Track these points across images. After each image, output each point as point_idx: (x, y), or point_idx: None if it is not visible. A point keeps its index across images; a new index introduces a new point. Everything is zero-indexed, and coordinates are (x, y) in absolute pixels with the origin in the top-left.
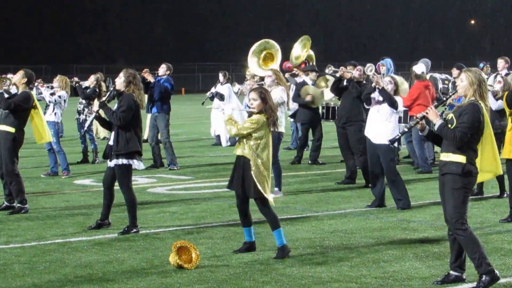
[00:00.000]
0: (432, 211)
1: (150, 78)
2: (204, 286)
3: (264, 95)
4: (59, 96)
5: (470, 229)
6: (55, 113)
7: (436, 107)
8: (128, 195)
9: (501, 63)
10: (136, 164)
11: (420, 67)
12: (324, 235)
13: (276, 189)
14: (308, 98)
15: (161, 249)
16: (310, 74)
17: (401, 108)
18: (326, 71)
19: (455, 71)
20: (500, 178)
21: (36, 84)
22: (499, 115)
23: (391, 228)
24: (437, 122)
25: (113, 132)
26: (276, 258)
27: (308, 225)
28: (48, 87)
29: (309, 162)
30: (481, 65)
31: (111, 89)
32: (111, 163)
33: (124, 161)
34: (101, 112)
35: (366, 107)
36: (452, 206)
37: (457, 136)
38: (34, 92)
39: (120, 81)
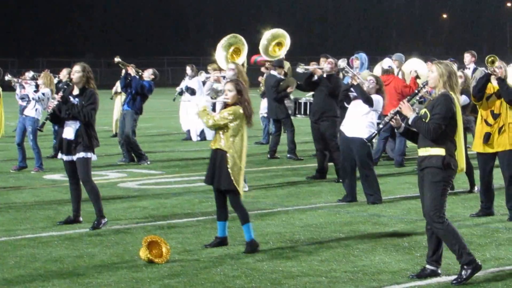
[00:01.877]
0: (403, 205)
1: (131, 72)
2: (175, 281)
3: (240, 87)
4: (43, 93)
5: (448, 222)
6: (36, 109)
7: (408, 100)
8: (90, 187)
9: (467, 57)
10: (94, 156)
11: (387, 62)
12: (295, 229)
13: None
14: (289, 89)
15: (131, 243)
16: (278, 69)
17: (378, 106)
18: (298, 69)
19: (429, 65)
20: (469, 173)
21: (20, 80)
22: (462, 110)
23: (361, 223)
24: (411, 116)
25: (69, 127)
26: (245, 252)
27: (278, 219)
28: (32, 80)
29: (268, 156)
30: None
31: (68, 82)
32: (73, 157)
33: (89, 154)
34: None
35: (346, 105)
36: (430, 199)
37: (431, 128)
38: (18, 89)
39: (78, 75)
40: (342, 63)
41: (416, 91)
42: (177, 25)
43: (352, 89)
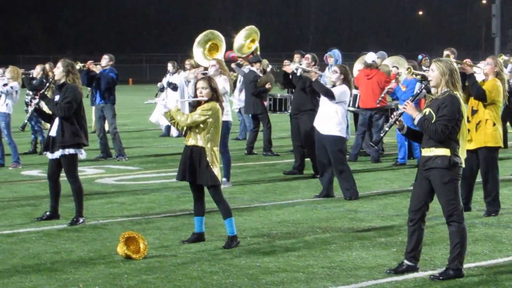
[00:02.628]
0: (380, 201)
1: (95, 69)
2: (152, 276)
3: (214, 84)
4: (11, 87)
5: (464, 224)
6: (6, 104)
7: (412, 100)
8: (75, 185)
9: (446, 54)
10: (80, 153)
11: (370, 56)
12: (272, 225)
13: (224, 179)
14: (268, 85)
15: (109, 239)
16: (255, 65)
17: (344, 97)
18: (268, 69)
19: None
20: None
21: None
22: None
23: (338, 218)
24: (417, 116)
25: (55, 123)
26: (224, 247)
27: (255, 215)
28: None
29: (245, 152)
30: (420, 57)
31: (50, 79)
32: (55, 155)
33: (71, 151)
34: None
35: (318, 98)
36: (446, 200)
37: (439, 130)
38: None
39: (59, 71)
40: (293, 65)
41: (418, 91)
42: (155, 22)
43: (313, 85)
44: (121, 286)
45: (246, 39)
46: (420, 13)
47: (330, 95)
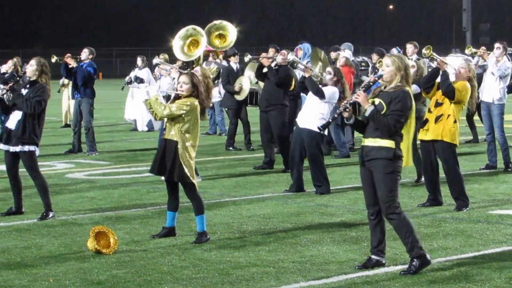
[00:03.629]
0: (350, 195)
1: (72, 63)
2: (123, 271)
3: (196, 80)
4: None
5: (403, 214)
6: None
7: (364, 91)
8: (38, 180)
9: (410, 48)
10: (37, 151)
11: (347, 53)
12: (242, 220)
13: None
14: (236, 88)
15: (79, 234)
16: (233, 58)
17: (333, 98)
18: (246, 59)
19: (375, 57)
20: (417, 163)
21: None
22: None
23: (308, 213)
24: (369, 108)
25: (14, 117)
26: (194, 242)
27: (226, 210)
28: None
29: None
30: (396, 51)
31: (21, 74)
32: (12, 149)
33: (31, 147)
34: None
35: (303, 95)
36: (385, 191)
37: (391, 124)
38: None
39: (32, 69)
40: (290, 56)
41: (371, 83)
42: (125, 16)
43: (304, 81)
44: (92, 281)
45: (214, 32)
46: (391, 7)
47: (321, 94)
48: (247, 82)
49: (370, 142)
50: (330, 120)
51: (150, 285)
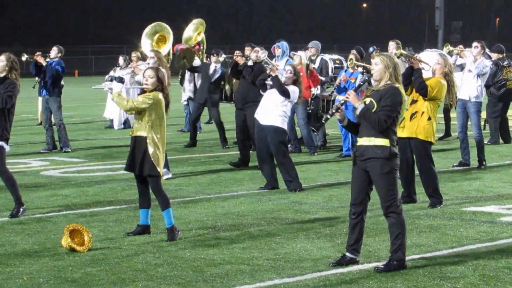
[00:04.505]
0: (324, 193)
1: (42, 62)
2: (97, 269)
3: (161, 74)
4: None
5: (403, 215)
6: None
7: (355, 90)
8: (5, 175)
9: (392, 45)
10: (7, 147)
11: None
12: (217, 217)
13: (164, 169)
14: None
15: (53, 232)
16: (214, 57)
17: (294, 97)
18: (220, 59)
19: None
20: None
21: None
22: None
23: (283, 210)
24: (359, 106)
25: None
26: (168, 240)
27: (200, 207)
28: None
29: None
30: (371, 49)
31: None
32: None
33: (0, 143)
34: None
35: (262, 93)
36: (384, 190)
37: (381, 120)
38: None
39: (2, 64)
40: (262, 54)
41: (361, 83)
42: (101, 13)
43: (271, 80)
44: (66, 279)
45: (194, 31)
46: (364, 5)
47: (287, 94)
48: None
49: (364, 141)
50: (323, 121)
51: (124, 282)
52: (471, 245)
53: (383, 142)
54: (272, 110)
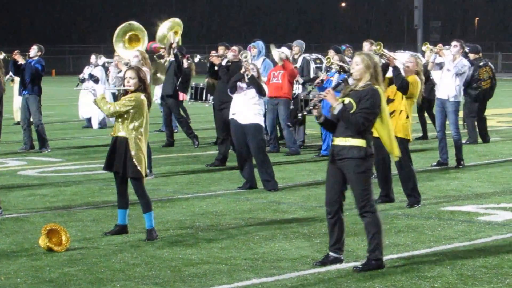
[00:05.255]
0: (302, 192)
1: (21, 60)
2: (75, 269)
3: (142, 75)
4: None
5: (378, 213)
6: None
7: (333, 89)
8: None
9: (366, 46)
10: None
11: (280, 51)
12: (195, 217)
13: (147, 171)
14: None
15: (31, 232)
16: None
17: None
18: (195, 60)
19: (331, 53)
20: None
21: None
22: None
23: (261, 210)
24: (337, 106)
25: None
26: (146, 240)
27: (178, 207)
28: None
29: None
30: (343, 47)
31: None
32: None
33: None
34: None
35: (230, 94)
36: (359, 190)
37: (360, 122)
38: None
39: None
40: (244, 55)
41: (341, 81)
42: (78, 12)
43: (248, 80)
44: (43, 279)
45: (169, 30)
46: (343, 4)
47: (263, 93)
48: (163, 70)
49: (340, 141)
50: (300, 117)
51: (102, 282)
52: (449, 245)
53: (360, 142)
54: (250, 109)
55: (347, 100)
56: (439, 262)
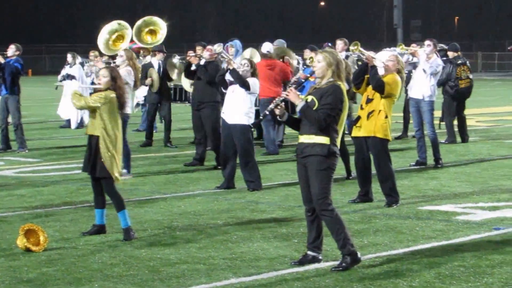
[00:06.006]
0: (281, 192)
1: (1, 59)
2: (52, 269)
3: (114, 74)
4: None
5: (336, 211)
6: None
7: (296, 88)
8: None
9: (340, 44)
10: None
11: (266, 46)
12: (173, 216)
13: (125, 171)
14: (148, 81)
15: (9, 232)
16: (158, 55)
17: (255, 89)
18: (174, 60)
19: (307, 53)
20: (346, 160)
21: None
22: None
23: (239, 210)
24: (299, 103)
25: None
26: (124, 240)
27: (156, 207)
28: None
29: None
30: (329, 44)
31: None
32: None
33: None
34: None
35: (223, 91)
36: (318, 187)
37: (321, 118)
38: None
39: None
40: (218, 47)
41: (303, 80)
42: (55, 12)
43: (229, 74)
44: (21, 279)
45: (144, 28)
46: (322, 3)
47: (246, 86)
48: (155, 72)
49: (305, 139)
50: (261, 117)
51: (80, 282)
52: (427, 244)
53: (323, 140)
54: (237, 108)
55: (310, 98)
56: (417, 262)
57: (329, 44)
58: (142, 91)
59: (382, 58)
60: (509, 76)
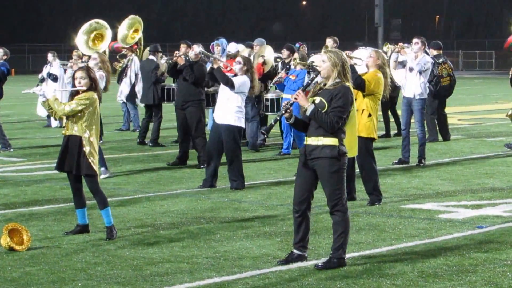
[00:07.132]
0: (263, 191)
1: None
2: (36, 268)
3: (92, 74)
4: None
5: (348, 214)
6: None
7: (303, 90)
8: None
9: (329, 43)
10: None
11: (232, 46)
12: (156, 216)
13: (102, 168)
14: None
15: None
16: (156, 54)
17: (243, 88)
18: (162, 61)
19: (285, 52)
20: None
21: None
22: None
23: (222, 208)
24: (309, 107)
25: None
26: (107, 239)
27: (139, 206)
28: None
29: (150, 144)
30: (297, 45)
31: None
32: None
33: None
34: None
35: (217, 86)
36: (332, 189)
37: (334, 121)
38: None
39: None
40: (197, 48)
41: (309, 81)
42: (38, 11)
43: (214, 72)
44: (5, 278)
45: (129, 29)
46: (304, 2)
47: (231, 84)
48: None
49: (313, 140)
50: (273, 123)
51: (63, 282)
52: (410, 242)
53: (332, 141)
54: (226, 108)
55: (317, 99)
56: (400, 260)
57: (301, 43)
58: (124, 90)
59: (361, 56)
60: (490, 74)
